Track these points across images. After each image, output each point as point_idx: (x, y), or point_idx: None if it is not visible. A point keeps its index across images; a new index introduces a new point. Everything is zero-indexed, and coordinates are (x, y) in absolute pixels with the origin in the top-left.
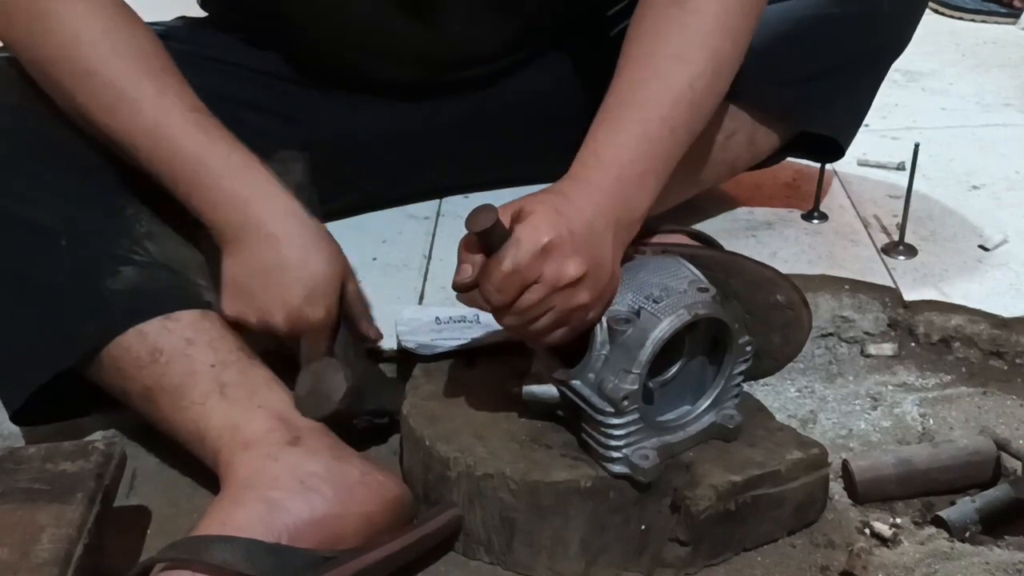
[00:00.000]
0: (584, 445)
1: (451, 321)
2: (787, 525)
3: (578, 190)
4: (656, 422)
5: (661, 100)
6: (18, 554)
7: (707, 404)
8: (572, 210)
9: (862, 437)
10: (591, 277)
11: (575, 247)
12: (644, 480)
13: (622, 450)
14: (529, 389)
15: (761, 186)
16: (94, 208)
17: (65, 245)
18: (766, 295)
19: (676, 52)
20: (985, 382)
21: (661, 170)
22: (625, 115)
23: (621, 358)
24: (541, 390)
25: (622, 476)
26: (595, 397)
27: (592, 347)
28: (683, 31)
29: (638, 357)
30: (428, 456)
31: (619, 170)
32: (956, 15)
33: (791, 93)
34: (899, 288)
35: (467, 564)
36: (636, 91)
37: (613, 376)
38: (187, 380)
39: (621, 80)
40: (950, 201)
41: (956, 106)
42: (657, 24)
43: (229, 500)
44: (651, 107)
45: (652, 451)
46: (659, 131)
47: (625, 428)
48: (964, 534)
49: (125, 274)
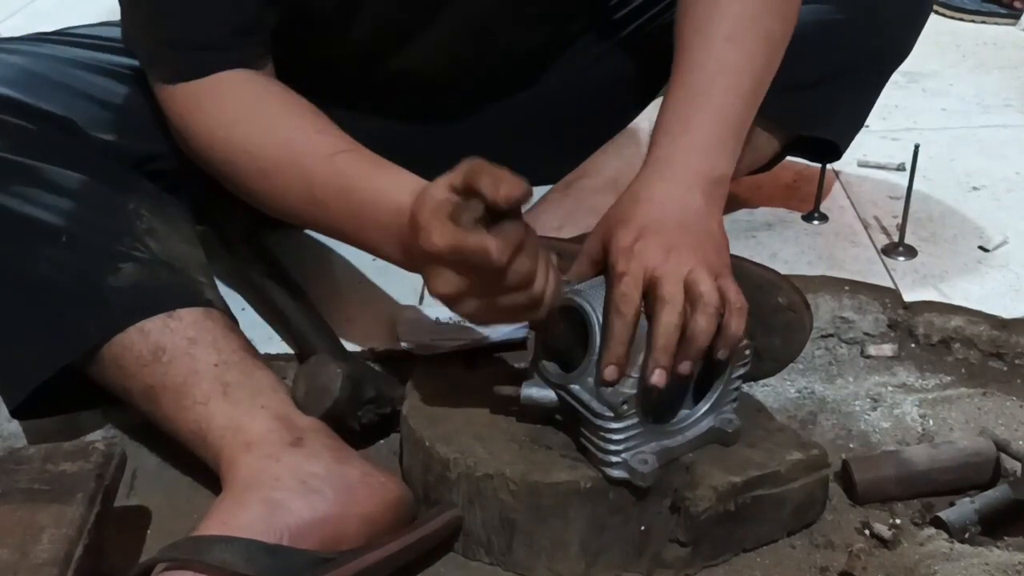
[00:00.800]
0: (583, 449)
1: (451, 321)
2: (787, 526)
3: (658, 175)
4: (655, 427)
5: (721, 78)
6: (18, 554)
7: (706, 408)
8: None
9: (862, 438)
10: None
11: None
12: (643, 485)
13: (621, 455)
14: (527, 393)
15: (761, 187)
16: (95, 205)
17: (66, 242)
18: (767, 297)
19: (729, 33)
20: (985, 383)
21: (735, 129)
22: (687, 95)
23: None
24: (539, 394)
25: (621, 481)
26: (594, 402)
27: (591, 351)
28: (734, 13)
29: (637, 361)
30: (428, 457)
31: (691, 138)
32: (956, 16)
33: (793, 99)
34: (899, 289)
35: (467, 565)
36: (695, 72)
37: None
38: (189, 379)
39: (680, 67)
40: (950, 202)
41: (956, 107)
42: (707, 7)
43: (230, 501)
44: (712, 84)
45: (651, 455)
46: (723, 98)
47: (624, 432)
48: (963, 535)
49: (126, 271)
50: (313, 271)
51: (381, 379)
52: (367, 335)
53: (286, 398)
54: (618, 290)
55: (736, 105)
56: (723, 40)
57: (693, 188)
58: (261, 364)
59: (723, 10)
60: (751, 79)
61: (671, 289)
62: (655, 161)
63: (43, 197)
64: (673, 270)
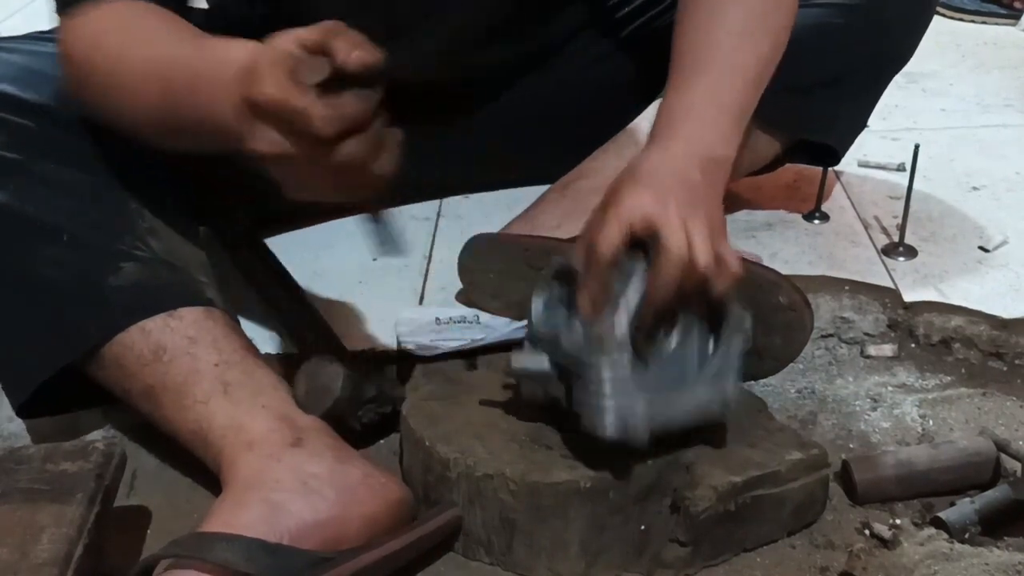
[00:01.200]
0: (576, 418)
1: (451, 322)
2: (787, 526)
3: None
4: (648, 379)
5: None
6: (18, 554)
7: (703, 375)
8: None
9: (862, 438)
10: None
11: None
12: (636, 441)
13: (613, 403)
14: (518, 363)
15: (761, 187)
16: (96, 204)
17: (67, 240)
18: (768, 297)
19: (732, 28)
20: (985, 383)
21: (736, 115)
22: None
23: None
24: (531, 361)
25: (614, 441)
26: (584, 348)
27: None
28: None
29: (628, 301)
30: (428, 457)
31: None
32: (956, 16)
33: (793, 103)
34: (899, 289)
35: (467, 565)
36: (699, 62)
37: (601, 320)
38: (190, 379)
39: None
40: (950, 202)
41: (956, 107)
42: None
43: (232, 501)
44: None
45: (644, 412)
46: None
47: (614, 373)
48: (964, 535)
49: (127, 270)
50: (313, 271)
51: (382, 379)
52: (367, 335)
53: (287, 397)
54: (599, 232)
55: (737, 93)
56: (727, 34)
57: (691, 165)
58: (262, 363)
59: (726, 6)
60: (753, 68)
61: (676, 237)
62: (654, 141)
63: (44, 195)
64: (674, 217)
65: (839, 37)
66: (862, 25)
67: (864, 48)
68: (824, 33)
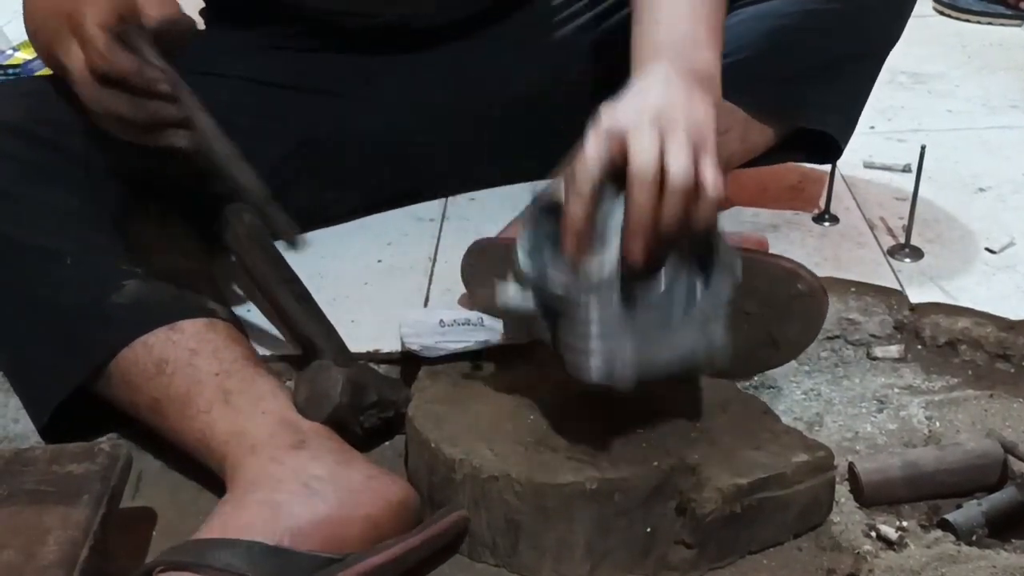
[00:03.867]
0: (562, 359)
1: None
2: (793, 528)
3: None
4: (635, 321)
5: None
6: (24, 556)
7: (690, 319)
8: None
9: (868, 440)
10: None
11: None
12: (620, 384)
13: (599, 346)
14: (504, 296)
15: (766, 189)
16: (97, 225)
17: (71, 264)
18: (785, 287)
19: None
20: (992, 385)
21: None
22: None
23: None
24: (516, 297)
25: (600, 385)
26: (570, 288)
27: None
28: None
29: (613, 240)
30: (433, 458)
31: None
32: (962, 17)
33: (783, 89)
34: (905, 290)
35: (472, 567)
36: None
37: (588, 258)
38: (192, 389)
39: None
40: (956, 203)
41: (962, 108)
42: None
43: (233, 503)
44: None
45: (630, 357)
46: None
47: (600, 314)
48: (971, 537)
49: (129, 288)
50: (318, 273)
51: (383, 382)
52: (372, 337)
53: (288, 403)
54: (576, 161)
55: (701, 9)
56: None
57: (675, 79)
58: (263, 371)
59: None
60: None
61: (644, 159)
62: (634, 69)
63: (47, 222)
64: (647, 136)
65: (823, 20)
66: (848, 7)
67: (849, 30)
68: (811, 17)
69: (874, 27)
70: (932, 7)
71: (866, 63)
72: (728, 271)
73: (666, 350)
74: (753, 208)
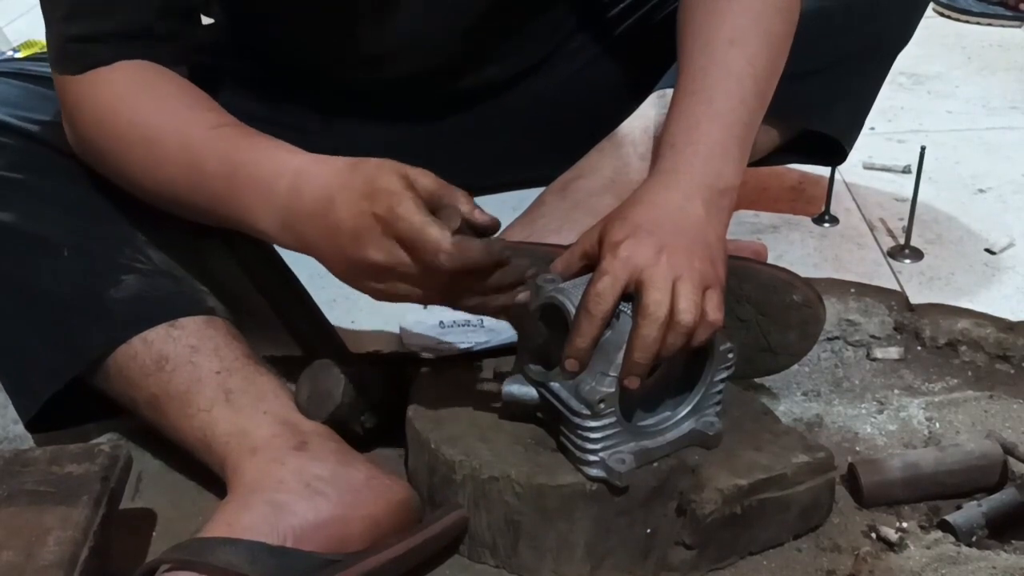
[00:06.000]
0: (563, 449)
1: (455, 324)
2: (793, 529)
3: (662, 184)
4: (634, 427)
5: (724, 83)
6: (24, 556)
7: (687, 411)
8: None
9: (868, 441)
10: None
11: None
12: (619, 484)
13: (599, 453)
14: (508, 389)
15: (766, 189)
16: (96, 219)
17: (68, 256)
18: (781, 297)
19: (730, 36)
20: (991, 386)
21: (740, 136)
22: (691, 103)
23: (599, 361)
24: (520, 391)
25: (599, 480)
26: (572, 400)
27: None
28: (735, 15)
29: (615, 360)
30: (433, 459)
31: (695, 148)
32: (962, 18)
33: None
34: (905, 291)
35: (472, 567)
36: (697, 80)
37: (590, 378)
38: (193, 387)
39: (683, 75)
40: (956, 204)
41: (962, 109)
42: (708, 11)
43: (235, 503)
44: (715, 90)
45: (629, 455)
46: (727, 105)
47: (602, 431)
48: (970, 538)
49: (128, 283)
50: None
51: (385, 383)
52: (372, 338)
53: (289, 403)
54: (594, 288)
55: (740, 112)
56: (726, 44)
57: (694, 197)
58: (264, 370)
59: (724, 13)
60: (755, 83)
61: (656, 297)
62: (658, 172)
63: (45, 213)
64: (661, 275)
65: (833, 21)
66: (859, 7)
67: (861, 31)
68: (821, 16)
69: (884, 28)
70: (932, 8)
71: (874, 64)
72: (722, 361)
73: (663, 443)
74: (753, 209)
